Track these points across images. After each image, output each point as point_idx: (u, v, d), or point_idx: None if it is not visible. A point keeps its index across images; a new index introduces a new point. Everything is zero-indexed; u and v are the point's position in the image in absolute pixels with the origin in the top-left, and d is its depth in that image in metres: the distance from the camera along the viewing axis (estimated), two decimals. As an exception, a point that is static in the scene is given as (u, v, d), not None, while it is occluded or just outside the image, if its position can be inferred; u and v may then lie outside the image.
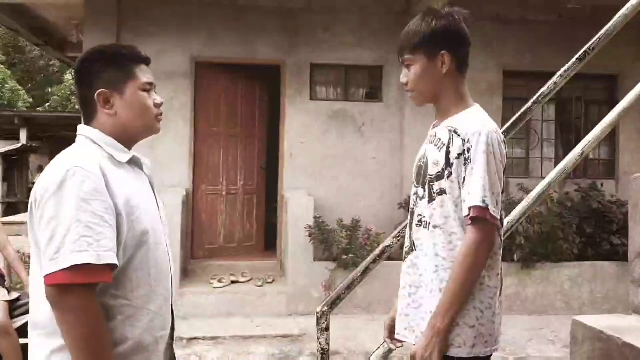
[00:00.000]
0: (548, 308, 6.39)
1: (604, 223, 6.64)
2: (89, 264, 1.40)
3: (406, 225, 2.13)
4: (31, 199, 1.52)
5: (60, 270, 1.39)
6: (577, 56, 2.09)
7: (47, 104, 24.44)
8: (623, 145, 7.41)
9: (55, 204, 1.43)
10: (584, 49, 2.09)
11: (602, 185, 7.10)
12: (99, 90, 1.61)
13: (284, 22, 7.01)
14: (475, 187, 1.67)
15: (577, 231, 6.52)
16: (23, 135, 14.96)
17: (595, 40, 2.07)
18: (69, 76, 23.18)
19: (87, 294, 1.43)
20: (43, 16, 7.92)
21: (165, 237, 1.71)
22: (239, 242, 7.39)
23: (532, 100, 2.10)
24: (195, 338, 5.38)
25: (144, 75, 1.68)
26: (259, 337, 5.51)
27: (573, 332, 2.23)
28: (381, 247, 2.07)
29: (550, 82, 2.09)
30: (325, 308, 1.98)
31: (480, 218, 1.65)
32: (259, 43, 6.99)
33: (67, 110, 20.86)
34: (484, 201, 1.65)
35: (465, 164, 1.70)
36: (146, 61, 1.71)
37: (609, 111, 8.06)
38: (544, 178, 6.97)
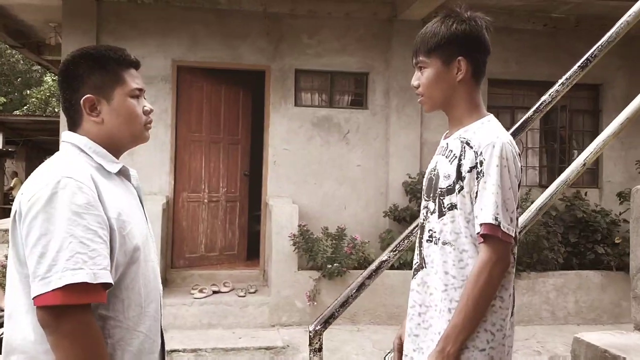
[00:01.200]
0: (534, 318, 6.35)
1: (589, 232, 6.64)
2: (85, 282, 1.28)
3: (405, 238, 2.04)
4: (14, 212, 1.39)
5: (52, 291, 1.26)
6: (578, 64, 2.02)
7: (25, 107, 23.98)
8: (606, 154, 7.42)
9: (45, 218, 1.31)
10: (586, 56, 2.02)
11: (585, 194, 7.10)
12: (85, 96, 1.50)
13: (268, 27, 6.90)
14: (487, 203, 1.57)
15: (562, 240, 6.51)
16: (-1, 139, 14.64)
17: (597, 47, 2.00)
18: (48, 78, 22.78)
19: (85, 316, 1.31)
20: (20, 18, 7.70)
21: (154, 254, 1.60)
22: (220, 251, 7.24)
23: (533, 109, 2.01)
24: (175, 350, 5.21)
25: (133, 80, 1.56)
26: (241, 350, 5.36)
27: (574, 351, 2.14)
28: (377, 261, 1.96)
29: (552, 89, 2.01)
30: (318, 327, 1.87)
31: (492, 236, 1.55)
32: (243, 48, 6.87)
33: (45, 114, 20.46)
34: (496, 218, 1.55)
35: (477, 178, 1.60)
36: (136, 65, 1.60)
37: (593, 120, 8.10)
38: (528, 186, 6.96)
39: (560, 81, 2.03)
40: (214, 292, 6.22)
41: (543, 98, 2.03)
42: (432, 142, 7.10)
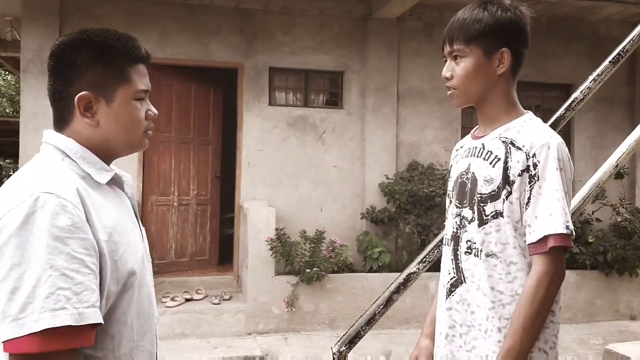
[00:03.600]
0: (512, 319, 6.33)
1: (563, 231, 6.66)
2: (68, 325, 1.03)
3: (434, 247, 1.88)
4: None
5: (26, 335, 1.01)
6: (609, 59, 1.92)
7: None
8: (577, 154, 7.49)
9: (18, 245, 1.05)
10: (617, 50, 1.92)
11: (560, 194, 7.15)
12: (81, 94, 1.23)
13: (241, 23, 6.67)
14: (552, 211, 1.41)
15: (538, 240, 6.51)
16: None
17: (629, 41, 1.89)
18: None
19: None
20: (-28, 11, 7.24)
21: (150, 275, 1.35)
22: (191, 256, 6.96)
23: (564, 107, 1.90)
24: (149, 363, 4.95)
25: (141, 79, 1.30)
26: (217, 360, 5.14)
27: (607, 363, 2.03)
28: (405, 273, 1.80)
29: (583, 86, 1.90)
30: (343, 348, 1.69)
31: (560, 247, 1.41)
32: (214, 45, 6.62)
33: (6, 115, 19.55)
34: (567, 227, 1.40)
35: (530, 182, 1.45)
36: (146, 60, 1.33)
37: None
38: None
39: (591, 77, 1.92)
40: (187, 300, 5.95)
41: (574, 95, 1.92)
42: (408, 142, 7.02)
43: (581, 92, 1.88)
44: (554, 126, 1.86)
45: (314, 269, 5.75)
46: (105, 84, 1.25)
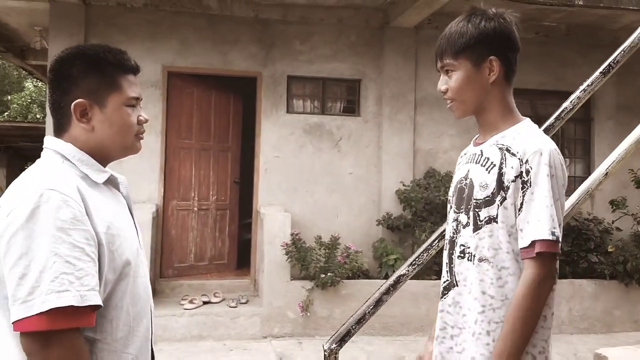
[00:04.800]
0: (527, 327, 6.28)
1: (581, 240, 6.62)
2: (71, 306, 1.16)
3: (424, 251, 1.94)
4: None
5: (35, 315, 1.14)
6: (600, 70, 1.95)
7: (6, 114, 23.56)
8: (597, 163, 7.42)
9: (26, 236, 1.18)
10: (608, 62, 1.95)
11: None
12: (77, 101, 1.37)
13: (259, 32, 6.81)
14: (540, 217, 1.45)
15: (555, 249, 6.46)
16: (-16, 146, 14.28)
17: (620, 52, 1.93)
18: (29, 84, 22.43)
19: (74, 341, 1.20)
20: (4, 21, 7.52)
21: (145, 268, 1.48)
22: (210, 260, 7.09)
23: (554, 116, 1.94)
24: (165, 364, 5.07)
25: (131, 87, 1.45)
26: (233, 362, 5.23)
27: (597, 368, 2.06)
28: (395, 275, 1.87)
29: (573, 96, 1.94)
30: (334, 345, 1.77)
31: (547, 253, 1.44)
32: (234, 54, 6.77)
33: (27, 120, 20.09)
34: (553, 233, 1.44)
35: (523, 188, 1.48)
36: (135, 70, 1.48)
37: (584, 128, 8.08)
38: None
39: (581, 87, 1.96)
40: (204, 303, 6.07)
41: (564, 105, 1.96)
42: (425, 149, 7.05)
43: (571, 102, 1.93)
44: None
45: (329, 274, 5.81)
46: (98, 92, 1.40)
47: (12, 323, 1.17)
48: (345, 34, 7.00)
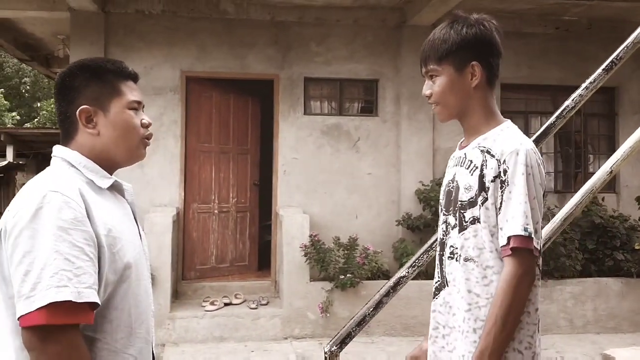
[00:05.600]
0: (551, 326, 6.20)
1: (607, 238, 6.49)
2: (69, 301, 1.21)
3: (424, 252, 1.95)
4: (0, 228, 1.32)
5: (36, 310, 1.20)
6: (603, 67, 1.92)
7: (35, 120, 24.14)
8: (623, 158, 7.26)
9: (30, 235, 1.24)
10: (611, 58, 1.92)
11: (603, 199, 6.95)
12: (81, 107, 1.44)
13: (276, 35, 6.85)
14: (514, 214, 1.49)
15: (579, 247, 6.36)
16: (9, 152, 14.65)
17: (623, 49, 1.90)
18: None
19: (73, 337, 1.24)
20: (29, 31, 7.72)
21: (147, 272, 1.52)
22: (231, 262, 7.16)
23: (555, 115, 1.92)
24: (186, 365, 5.14)
25: (131, 92, 1.51)
26: (254, 364, 5.27)
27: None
28: (395, 277, 1.88)
29: (575, 94, 1.92)
30: (334, 347, 1.77)
31: (521, 249, 1.47)
32: (251, 57, 6.82)
33: (55, 127, 20.53)
34: (525, 229, 1.47)
35: (501, 188, 1.52)
36: (133, 77, 1.54)
37: (609, 124, 7.93)
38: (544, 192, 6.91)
39: (584, 85, 1.93)
40: (226, 304, 6.13)
41: (566, 103, 1.94)
42: (445, 148, 6.99)
43: (572, 100, 1.90)
44: (544, 134, 1.88)
45: (348, 275, 5.81)
46: (101, 98, 1.46)
47: (18, 319, 1.22)
48: (362, 34, 6.99)
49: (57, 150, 1.48)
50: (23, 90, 25.13)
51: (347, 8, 6.85)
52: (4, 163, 14.50)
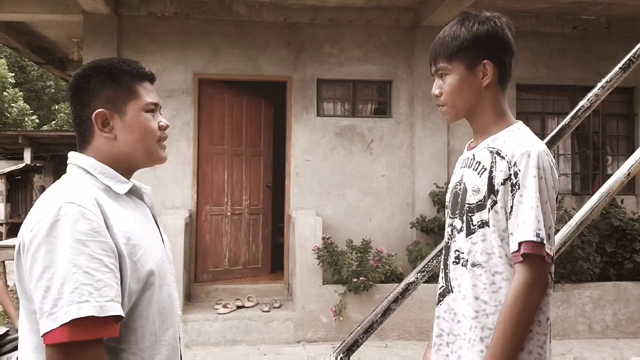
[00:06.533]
0: (569, 331, 6.08)
1: (626, 241, 6.35)
2: (92, 316, 1.17)
3: (434, 257, 1.89)
4: (18, 244, 1.28)
5: (59, 327, 1.16)
6: (619, 65, 1.85)
7: (53, 122, 24.42)
8: (642, 160, 7.11)
9: (47, 249, 1.20)
10: (628, 56, 1.85)
11: (622, 201, 6.81)
12: (97, 110, 1.39)
13: (288, 37, 6.82)
14: (526, 219, 1.41)
15: (597, 250, 6.23)
16: (27, 154, 14.83)
17: (641, 46, 1.82)
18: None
19: (96, 353, 1.20)
20: (43, 34, 7.78)
21: (172, 276, 1.48)
22: (244, 265, 7.13)
23: (570, 115, 1.85)
24: (198, 368, 5.11)
25: (148, 94, 1.46)
26: (266, 367, 5.23)
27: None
28: (404, 283, 1.82)
29: (591, 94, 1.84)
30: (341, 355, 1.72)
31: (533, 255, 1.40)
32: (263, 59, 6.79)
33: (72, 129, 20.73)
34: (537, 235, 1.39)
35: (512, 191, 1.45)
36: (150, 78, 1.49)
37: (628, 124, 7.78)
38: (560, 194, 6.74)
39: (599, 84, 1.85)
40: (238, 307, 6.10)
41: (581, 103, 1.86)
42: (460, 150, 6.90)
43: (588, 99, 1.83)
44: (558, 135, 1.81)
45: (361, 278, 5.75)
46: (116, 101, 1.41)
47: (42, 336, 1.18)
48: (375, 35, 6.93)
49: (72, 157, 1.44)
50: (43, 93, 25.47)
51: (360, 9, 6.80)
52: (22, 165, 14.66)
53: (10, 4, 6.44)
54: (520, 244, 1.41)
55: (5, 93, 22.09)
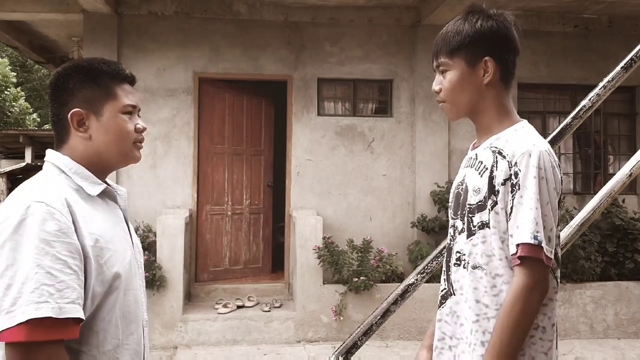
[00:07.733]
0: (571, 331, 6.06)
1: (627, 241, 6.33)
2: (51, 317, 1.16)
3: (434, 259, 1.87)
4: None
5: (16, 326, 1.15)
6: (621, 65, 1.83)
7: (54, 122, 24.31)
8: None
9: (12, 247, 1.20)
10: (630, 56, 1.83)
11: (623, 201, 6.79)
12: (73, 110, 1.39)
13: (289, 36, 6.80)
14: (524, 220, 1.38)
15: (599, 249, 6.21)
16: (28, 153, 14.80)
17: (644, 45, 1.80)
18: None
19: (54, 353, 1.19)
20: (43, 33, 7.76)
21: (140, 281, 1.47)
22: (244, 264, 7.11)
23: (571, 115, 1.83)
24: (198, 368, 5.10)
25: (126, 96, 1.45)
26: (266, 367, 5.22)
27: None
28: (404, 284, 1.80)
29: (592, 93, 1.82)
30: (340, 358, 1.70)
31: (531, 258, 1.36)
32: (264, 58, 6.77)
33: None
34: (535, 237, 1.36)
35: (512, 192, 1.41)
36: (130, 80, 1.49)
37: (629, 124, 7.76)
38: (562, 194, 6.78)
39: (601, 84, 1.83)
40: (238, 307, 6.09)
41: (583, 103, 1.85)
42: (461, 149, 6.88)
43: (590, 99, 1.81)
44: (560, 135, 1.79)
45: (362, 278, 5.73)
46: (94, 101, 1.41)
47: None
48: (376, 34, 6.91)
49: (49, 155, 1.44)
50: (45, 93, 25.43)
51: (361, 8, 6.78)
52: (23, 164, 14.63)
53: (11, 4, 6.43)
54: (518, 246, 1.38)
55: (7, 92, 22.09)
